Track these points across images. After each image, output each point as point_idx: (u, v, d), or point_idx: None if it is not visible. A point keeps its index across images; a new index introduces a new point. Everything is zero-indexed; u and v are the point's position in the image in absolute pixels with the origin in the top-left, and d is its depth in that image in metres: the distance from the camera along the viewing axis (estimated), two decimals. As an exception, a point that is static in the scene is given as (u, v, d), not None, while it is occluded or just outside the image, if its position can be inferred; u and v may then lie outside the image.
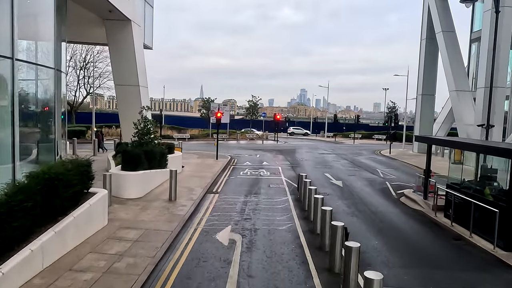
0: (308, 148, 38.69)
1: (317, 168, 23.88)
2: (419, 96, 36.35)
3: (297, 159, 28.47)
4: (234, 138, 48.19)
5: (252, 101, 55.55)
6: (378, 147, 43.39)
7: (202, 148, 34.73)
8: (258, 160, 27.11)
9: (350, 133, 59.76)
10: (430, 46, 35.07)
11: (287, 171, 22.44)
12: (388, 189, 17.82)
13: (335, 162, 27.31)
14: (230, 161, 26.43)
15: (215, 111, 28.16)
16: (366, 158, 31.18)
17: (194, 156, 28.15)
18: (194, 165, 22.99)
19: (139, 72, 21.95)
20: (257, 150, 35.09)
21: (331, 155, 32.66)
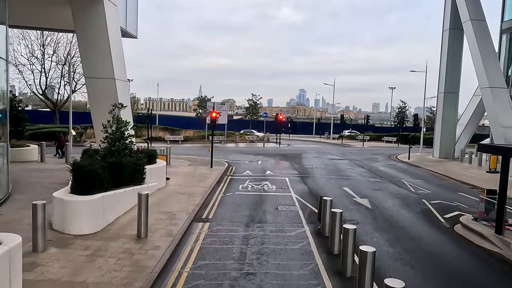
0: (315, 152, 34.59)
1: (332, 179, 19.79)
2: (441, 94, 32.28)
3: (305, 167, 24.36)
4: (232, 141, 44.09)
5: (252, 100, 51.52)
6: (391, 150, 39.32)
7: (196, 152, 30.62)
8: (260, 169, 23.00)
9: (357, 135, 55.70)
10: (454, 37, 31.04)
11: (296, 183, 18.34)
12: (430, 212, 13.72)
13: (351, 171, 23.21)
14: (227, 169, 22.31)
15: (210, 111, 23.97)
16: (384, 165, 27.09)
17: (185, 163, 24.02)
18: (182, 176, 18.87)
19: (115, 62, 17.85)
20: (258, 155, 30.99)
21: (343, 161, 28.56)
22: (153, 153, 16.15)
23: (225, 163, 25.04)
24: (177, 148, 35.25)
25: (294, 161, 27.17)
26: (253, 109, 51.71)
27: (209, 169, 21.88)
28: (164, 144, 39.09)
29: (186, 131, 46.61)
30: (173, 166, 22.16)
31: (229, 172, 21.57)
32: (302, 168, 23.93)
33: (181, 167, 22.05)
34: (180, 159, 26.31)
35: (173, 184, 16.76)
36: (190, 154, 29.68)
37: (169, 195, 14.55)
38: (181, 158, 26.81)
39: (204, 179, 18.29)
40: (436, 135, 33.05)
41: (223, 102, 43.94)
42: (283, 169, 23.22)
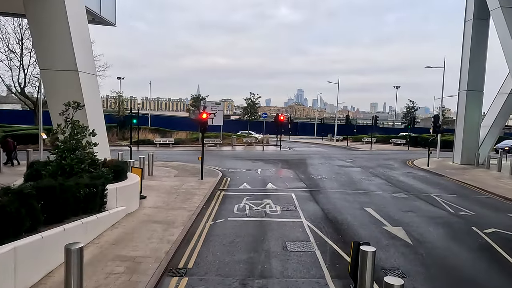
0: (320, 158, 30.95)
1: (348, 196, 16.14)
2: (462, 92, 28.71)
3: (313, 177, 20.71)
4: (228, 143, 40.41)
5: (250, 100, 47.83)
6: (403, 155, 35.74)
7: (187, 158, 26.92)
8: (260, 180, 19.33)
9: (363, 136, 52.16)
10: (478, 28, 27.50)
11: (305, 202, 14.70)
12: (493, 249, 10.10)
13: (368, 183, 19.58)
14: (221, 181, 18.64)
15: (200, 111, 20.32)
16: (403, 173, 23.47)
17: (171, 173, 20.33)
18: (164, 193, 15.18)
19: (77, 51, 14.20)
20: (257, 161, 27.33)
21: (355, 168, 24.93)
22: (122, 167, 12.43)
23: (218, 172, 21.36)
24: (166, 153, 31.57)
25: (298, 170, 23.51)
26: (251, 109, 47.99)
27: (198, 181, 18.21)
28: (152, 148, 35.43)
29: (179, 133, 42.89)
30: (155, 178, 18.48)
31: (223, 185, 17.89)
32: (310, 179, 20.27)
33: (165, 179, 18.35)
34: (167, 167, 22.63)
35: (150, 205, 13.07)
36: (180, 160, 26.01)
37: (139, 224, 10.86)
38: (168, 166, 23.13)
39: (190, 197, 14.60)
40: (457, 138, 29.46)
41: (218, 102, 40.31)
42: (287, 180, 19.56)
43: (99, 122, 15.87)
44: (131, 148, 24.96)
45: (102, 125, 16.36)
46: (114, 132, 40.58)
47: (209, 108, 38.77)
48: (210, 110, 38.83)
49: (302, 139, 57.23)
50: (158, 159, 27.08)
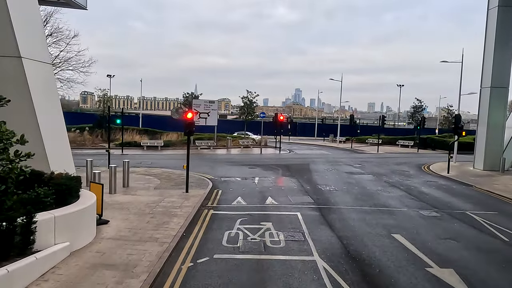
0: (325, 162, 27.73)
1: (367, 215, 12.92)
2: (485, 89, 25.56)
3: (320, 188, 17.48)
4: (223, 146, 37.12)
5: (247, 98, 44.54)
6: (415, 158, 32.60)
7: (175, 164, 23.63)
8: (258, 193, 16.07)
9: (367, 138, 48.99)
10: (504, 16, 24.37)
11: (315, 226, 11.46)
12: None
13: (386, 195, 16.37)
14: (210, 195, 15.37)
15: (184, 110, 17.16)
16: (423, 182, 20.28)
17: (151, 184, 17.04)
18: (135, 213, 11.90)
19: (19, 31, 10.93)
20: (254, 167, 24.08)
21: (366, 176, 21.72)
22: (69, 186, 9.11)
23: (208, 182, 18.10)
24: (153, 157, 28.28)
25: (302, 178, 20.28)
26: (248, 108, 44.70)
27: (183, 195, 14.95)
28: (139, 151, 32.15)
29: (169, 134, 39.57)
30: (130, 191, 15.21)
31: (212, 200, 14.63)
32: (317, 190, 17.03)
33: (142, 193, 15.07)
34: (149, 175, 19.36)
35: (110, 235, 9.80)
36: (167, 166, 22.75)
37: (84, 272, 7.59)
38: (150, 174, 19.86)
39: (168, 220, 11.35)
40: (478, 141, 26.29)
41: (212, 100, 36.99)
42: (290, 192, 16.31)
43: (56, 124, 12.63)
44: (109, 152, 21.67)
45: (61, 127, 13.11)
46: (98, 134, 37.37)
47: (202, 107, 35.59)
48: (203, 109, 35.64)
49: (302, 140, 54.04)
50: (142, 165, 23.89)
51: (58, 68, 37.69)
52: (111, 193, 14.51)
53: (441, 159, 32.02)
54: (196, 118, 35.97)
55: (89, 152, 29.86)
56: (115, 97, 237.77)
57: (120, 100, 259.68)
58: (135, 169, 21.58)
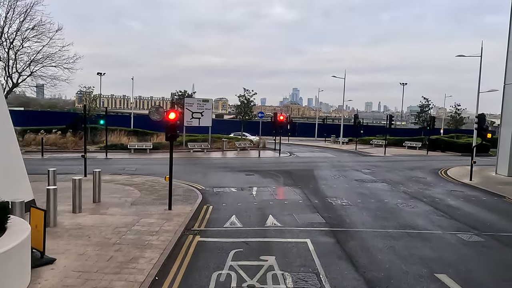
0: (330, 167, 24.99)
1: (396, 242, 10.17)
2: (510, 86, 22.92)
3: (330, 203, 14.73)
4: (218, 148, 34.31)
5: (244, 97, 41.78)
6: (426, 161, 29.97)
7: (163, 170, 20.88)
8: (257, 211, 13.29)
9: (372, 138, 46.36)
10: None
11: (332, 260, 8.72)
12: None
13: (410, 211, 13.64)
14: (197, 214, 12.56)
15: (164, 110, 14.63)
16: (446, 192, 17.58)
17: (129, 198, 14.24)
18: (96, 244, 9.10)
19: None
20: (252, 174, 21.32)
21: (380, 184, 19.00)
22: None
23: (197, 194, 15.33)
24: (139, 162, 25.47)
25: (307, 188, 17.53)
26: (245, 107, 41.93)
27: (164, 213, 12.18)
28: (125, 154, 29.34)
29: (160, 135, 36.69)
30: (100, 209, 12.41)
31: (200, 220, 11.85)
32: (327, 205, 14.27)
33: (113, 211, 12.27)
34: (129, 186, 16.58)
35: (50, 284, 7.00)
36: (153, 173, 19.99)
37: None
38: (131, 184, 17.08)
39: (139, 254, 8.57)
40: (501, 144, 23.64)
41: (206, 99, 34.19)
42: (295, 209, 13.55)
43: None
44: (86, 158, 18.84)
45: (8, 130, 10.34)
46: (82, 135, 34.53)
47: (194, 106, 32.84)
48: (197, 109, 32.89)
49: (302, 141, 51.33)
50: (126, 171, 21.12)
51: (40, 64, 34.78)
52: (75, 212, 11.72)
53: (456, 162, 29.41)
54: (189, 118, 33.29)
55: (69, 156, 27.04)
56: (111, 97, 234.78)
57: (117, 99, 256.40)
58: (114, 177, 18.83)
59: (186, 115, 32.86)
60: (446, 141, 39.10)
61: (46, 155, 27.46)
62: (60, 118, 42.49)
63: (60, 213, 11.53)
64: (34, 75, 35.46)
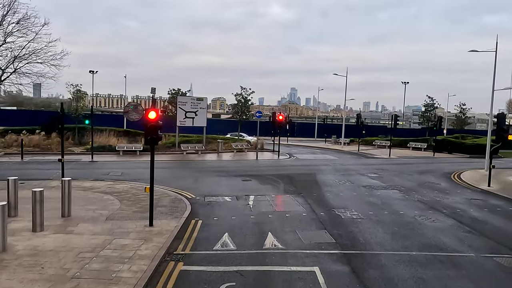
0: (334, 171, 23.08)
1: (424, 269, 8.26)
2: (529, 82, 21.01)
3: (339, 216, 12.81)
4: (213, 150, 32.34)
5: (241, 95, 39.82)
6: (435, 164, 28.14)
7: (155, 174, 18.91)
8: (253, 226, 11.34)
9: (374, 139, 44.52)
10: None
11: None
12: None
13: (431, 225, 11.74)
14: (183, 232, 10.59)
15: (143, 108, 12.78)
16: (466, 201, 15.70)
17: (105, 210, 12.28)
18: (46, 280, 7.13)
19: None
20: (249, 179, 19.38)
21: (391, 191, 17.10)
22: None
23: (186, 205, 13.39)
24: (127, 165, 23.51)
25: (311, 196, 15.61)
26: (242, 106, 39.99)
27: (144, 231, 10.24)
28: (113, 157, 27.36)
29: (153, 136, 34.69)
30: (67, 225, 10.46)
31: (185, 241, 9.92)
32: (334, 218, 12.36)
33: (83, 228, 10.32)
34: (109, 195, 14.63)
35: None
36: (139, 179, 18.05)
37: None
38: (113, 192, 15.13)
39: (100, 294, 6.63)
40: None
41: (200, 97, 32.20)
42: (298, 224, 11.62)
43: None
44: (63, 163, 16.85)
45: None
46: (69, 136, 32.54)
47: (188, 105, 30.88)
48: (190, 108, 30.92)
49: (301, 141, 49.44)
50: (110, 176, 19.17)
51: (25, 61, 32.70)
52: (35, 231, 9.77)
53: (466, 165, 27.59)
54: (182, 118, 31.32)
55: (51, 159, 24.87)
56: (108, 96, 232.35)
57: (114, 99, 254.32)
58: (95, 184, 16.87)
59: (179, 114, 30.88)
60: (453, 142, 37.29)
61: (26, 157, 25.46)
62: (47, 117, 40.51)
63: (17, 232, 9.63)
64: (19, 72, 33.35)
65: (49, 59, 32.18)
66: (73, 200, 13.24)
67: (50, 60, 32.10)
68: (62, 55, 31.01)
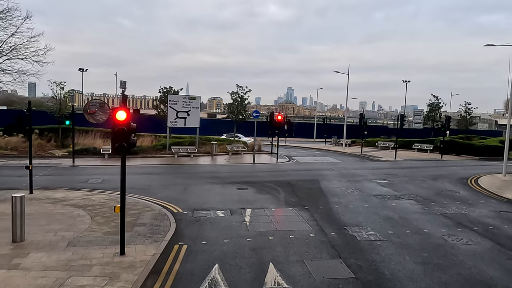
0: (339, 176, 20.96)
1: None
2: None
3: (353, 237, 10.69)
4: (207, 152, 30.13)
5: (237, 94, 37.61)
6: (445, 167, 26.10)
7: (136, 182, 16.85)
8: (250, 255, 9.17)
9: (377, 140, 42.48)
10: None
11: None
12: None
13: (466, 250, 9.65)
14: (160, 267, 8.39)
15: (107, 107, 10.23)
16: (496, 215, 13.60)
17: (67, 233, 10.07)
18: None
19: None
20: (245, 188, 17.20)
21: (407, 202, 15.00)
22: None
23: (170, 222, 11.22)
24: (109, 170, 21.26)
25: (317, 210, 13.48)
26: (238, 106, 37.79)
27: (112, 262, 8.07)
28: (97, 160, 25.09)
29: (142, 138, 32.46)
30: (16, 254, 8.26)
31: (163, 277, 7.74)
32: (349, 242, 10.22)
33: (33, 260, 8.12)
34: (81, 209, 12.43)
35: None
36: (128, 187, 15.74)
37: None
38: (86, 205, 12.94)
39: None
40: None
41: (193, 96, 29.97)
42: (306, 251, 9.49)
43: None
44: (31, 170, 14.64)
45: None
46: (51, 137, 30.30)
47: (180, 104, 28.70)
48: (182, 107, 28.74)
49: (300, 142, 47.34)
50: (88, 185, 16.99)
51: (5, 57, 30.32)
52: (-32, 266, 7.57)
53: (480, 169, 25.62)
54: (173, 118, 29.12)
55: (28, 164, 22.70)
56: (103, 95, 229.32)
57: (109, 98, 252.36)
58: (68, 195, 14.67)
59: (169, 114, 28.67)
60: (461, 144, 35.27)
61: (1, 161, 23.20)
62: (42, 118, 37.72)
63: None
64: (1, 67, 30.88)
65: (31, 55, 29.73)
66: (35, 218, 11.11)
67: (32, 56, 29.62)
68: (46, 50, 28.49)
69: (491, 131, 70.23)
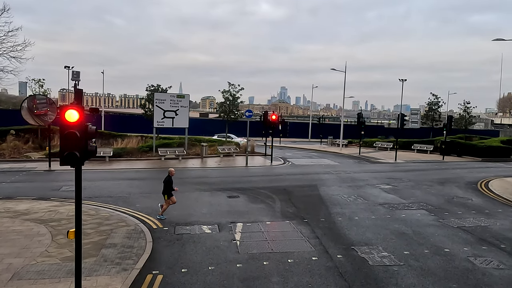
0: (339, 181, 19.29)
1: None
2: None
3: (364, 261, 8.99)
4: (197, 154, 28.28)
5: (229, 93, 35.85)
6: (449, 170, 24.58)
7: (117, 189, 15.01)
8: (240, 286, 7.45)
9: (375, 141, 40.95)
10: None
11: None
12: None
13: (503, 278, 8.02)
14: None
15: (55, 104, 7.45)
16: (520, 227, 12.03)
17: (20, 257, 8.22)
18: None
19: None
20: (237, 196, 15.45)
21: (418, 213, 13.37)
22: None
23: (145, 242, 9.44)
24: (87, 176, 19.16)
25: (317, 223, 11.78)
26: (230, 105, 36.03)
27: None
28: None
29: (129, 138, 30.54)
30: None
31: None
32: (360, 269, 8.53)
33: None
34: (42, 226, 10.65)
35: None
36: (99, 195, 14.09)
37: None
38: (50, 221, 11.13)
39: None
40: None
41: (181, 94, 28.12)
42: (309, 282, 7.78)
43: None
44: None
45: None
46: (28, 139, 28.25)
47: (167, 103, 26.84)
48: (170, 106, 26.90)
49: (295, 143, 45.72)
50: (60, 193, 15.13)
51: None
52: None
53: (486, 172, 24.14)
54: (160, 118, 27.26)
55: (0, 168, 20.78)
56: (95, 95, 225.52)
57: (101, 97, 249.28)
58: (34, 206, 12.82)
59: (156, 114, 26.81)
60: (463, 144, 33.85)
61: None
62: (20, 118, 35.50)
63: None
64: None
65: (8, 51, 27.59)
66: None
67: (9, 52, 27.47)
68: (24, 46, 26.34)
69: (488, 130, 69.25)
